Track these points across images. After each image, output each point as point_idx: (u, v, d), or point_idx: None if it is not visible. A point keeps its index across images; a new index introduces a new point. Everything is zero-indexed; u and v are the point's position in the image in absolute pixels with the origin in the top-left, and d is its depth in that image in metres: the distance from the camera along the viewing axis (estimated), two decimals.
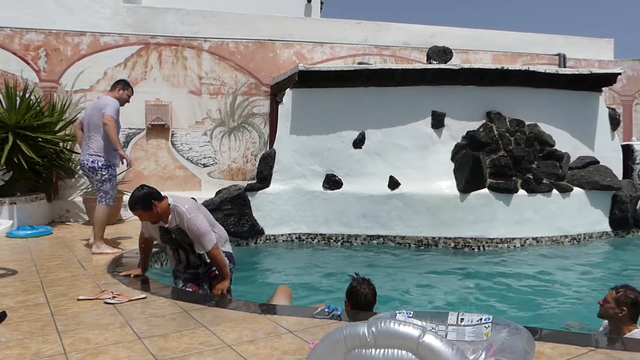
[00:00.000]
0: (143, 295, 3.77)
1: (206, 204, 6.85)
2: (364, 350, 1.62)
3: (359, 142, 7.33)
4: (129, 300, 3.66)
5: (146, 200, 3.88)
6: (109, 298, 3.68)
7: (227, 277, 4.02)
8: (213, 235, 3.93)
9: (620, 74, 8.12)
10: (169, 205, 3.93)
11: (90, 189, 8.17)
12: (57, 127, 7.99)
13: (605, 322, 3.59)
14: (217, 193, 7.27)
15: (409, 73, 7.37)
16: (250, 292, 4.78)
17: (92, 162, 5.61)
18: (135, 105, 8.92)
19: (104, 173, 5.64)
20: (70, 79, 8.60)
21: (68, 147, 8.26)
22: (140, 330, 3.04)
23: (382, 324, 1.61)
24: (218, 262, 3.95)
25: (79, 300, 3.70)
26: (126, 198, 8.25)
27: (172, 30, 9.17)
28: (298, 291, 4.90)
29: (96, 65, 8.71)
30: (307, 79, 7.32)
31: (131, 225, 6.81)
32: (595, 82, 7.86)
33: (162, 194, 4.02)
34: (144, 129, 8.96)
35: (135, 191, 3.96)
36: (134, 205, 3.92)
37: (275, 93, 9.03)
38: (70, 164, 8.24)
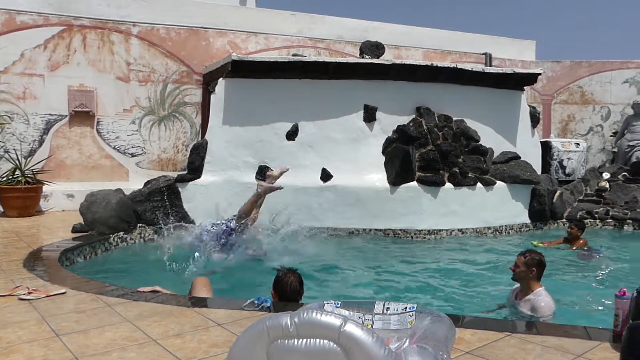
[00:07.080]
0: (62, 291, 3.60)
1: (134, 195, 6.62)
2: (286, 341, 1.62)
3: (292, 134, 7.32)
4: (47, 296, 3.47)
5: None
6: (24, 294, 3.47)
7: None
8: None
9: (541, 74, 8.59)
10: None
11: (4, 178, 7.68)
12: None
13: (515, 286, 4.05)
14: (146, 184, 7.02)
15: (342, 66, 7.44)
16: (177, 284, 4.65)
17: None
18: (56, 89, 8.46)
19: None
20: None
21: None
22: (58, 327, 2.89)
23: (305, 314, 1.62)
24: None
25: None
26: (45, 188, 7.84)
27: (98, 13, 8.74)
28: (229, 282, 4.83)
29: (12, 46, 8.17)
30: (241, 69, 7.21)
31: (51, 217, 6.46)
32: (518, 82, 8.28)
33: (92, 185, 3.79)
34: (66, 115, 8.51)
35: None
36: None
37: (208, 82, 8.84)
38: None
